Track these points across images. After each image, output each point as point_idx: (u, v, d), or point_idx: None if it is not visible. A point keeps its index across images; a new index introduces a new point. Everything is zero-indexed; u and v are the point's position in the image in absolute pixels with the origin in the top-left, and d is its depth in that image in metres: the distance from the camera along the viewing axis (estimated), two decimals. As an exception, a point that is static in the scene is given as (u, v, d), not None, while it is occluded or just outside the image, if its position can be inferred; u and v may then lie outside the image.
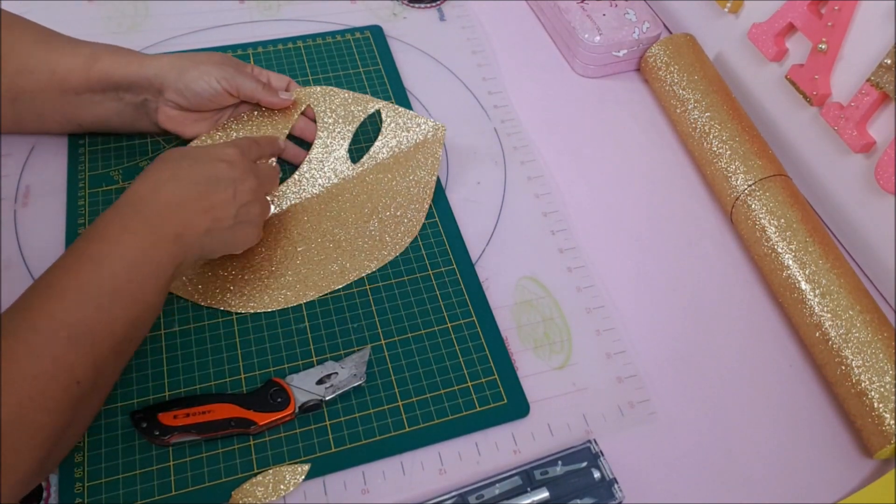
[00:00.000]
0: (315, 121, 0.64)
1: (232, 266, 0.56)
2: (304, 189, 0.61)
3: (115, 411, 0.50)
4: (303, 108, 0.64)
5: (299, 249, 0.58)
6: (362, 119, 0.64)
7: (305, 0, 0.78)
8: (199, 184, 0.49)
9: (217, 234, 0.50)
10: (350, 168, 0.62)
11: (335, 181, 0.61)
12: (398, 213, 0.60)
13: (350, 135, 0.63)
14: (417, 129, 0.64)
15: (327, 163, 0.62)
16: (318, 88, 0.65)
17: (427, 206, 0.60)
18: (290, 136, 0.64)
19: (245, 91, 0.60)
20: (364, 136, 0.65)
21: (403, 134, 0.63)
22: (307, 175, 0.61)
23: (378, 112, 0.65)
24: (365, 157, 0.63)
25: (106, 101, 0.58)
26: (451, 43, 0.76)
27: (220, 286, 0.55)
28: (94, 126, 0.60)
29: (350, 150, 0.63)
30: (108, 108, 0.58)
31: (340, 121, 0.64)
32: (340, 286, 0.56)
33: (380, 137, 0.63)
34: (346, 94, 0.65)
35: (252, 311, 0.55)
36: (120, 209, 0.47)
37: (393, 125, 0.64)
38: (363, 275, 0.57)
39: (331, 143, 0.63)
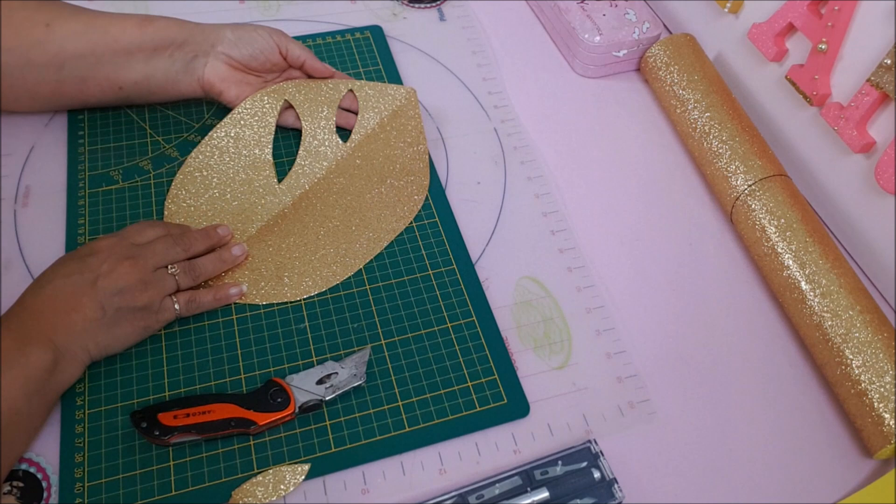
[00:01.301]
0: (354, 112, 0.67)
1: (274, 261, 0.57)
2: (308, 176, 0.62)
3: (114, 411, 0.50)
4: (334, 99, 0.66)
5: (326, 230, 0.59)
6: (338, 100, 0.66)
7: (305, 0, 0.78)
8: (61, 285, 0.48)
9: (95, 330, 0.48)
10: (342, 147, 0.64)
11: (334, 162, 0.63)
12: (403, 172, 0.62)
13: (333, 117, 0.65)
14: (391, 97, 0.66)
15: (321, 147, 0.64)
16: (290, 83, 0.66)
17: (427, 160, 0.62)
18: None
19: (293, 54, 0.63)
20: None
21: (379, 104, 0.66)
22: (306, 164, 0.63)
23: (351, 91, 0.66)
24: (353, 134, 0.64)
25: (154, 59, 0.59)
26: (451, 43, 0.76)
27: (274, 282, 0.56)
28: (134, 89, 0.61)
29: (337, 131, 0.65)
30: (156, 66, 0.60)
31: (319, 106, 0.65)
32: (380, 251, 0.58)
33: (360, 113, 0.65)
34: (316, 82, 0.67)
35: (310, 296, 0.56)
36: None
37: (368, 99, 0.66)
38: (396, 235, 0.59)
39: (318, 129, 0.64)
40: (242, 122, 0.63)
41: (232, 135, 0.63)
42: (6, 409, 0.43)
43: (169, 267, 0.52)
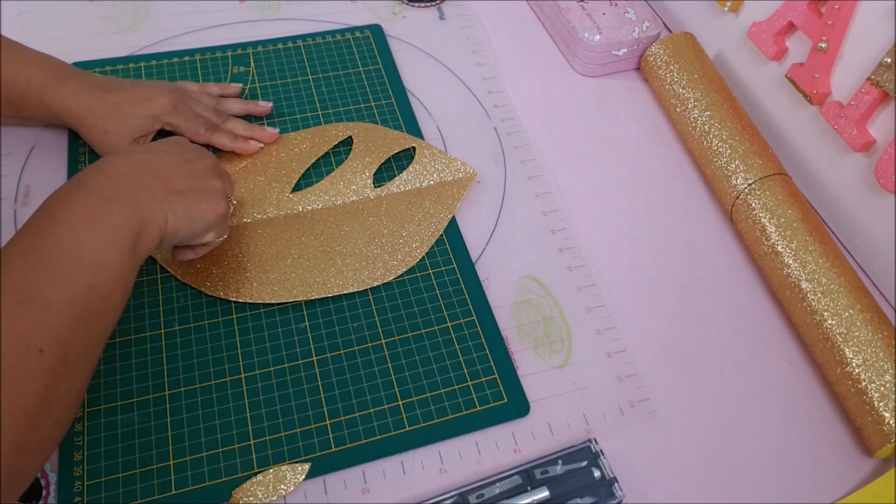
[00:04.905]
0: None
1: (221, 252, 0.57)
2: (321, 199, 0.61)
3: (114, 410, 0.50)
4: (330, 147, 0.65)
5: (292, 252, 0.58)
6: (396, 150, 0.65)
7: (305, 0, 0.78)
8: (149, 157, 0.49)
9: (176, 202, 0.48)
10: (371, 190, 0.62)
11: (353, 199, 0.62)
12: (400, 242, 0.59)
13: (379, 161, 0.64)
14: (448, 170, 0.64)
15: (351, 181, 0.62)
16: (363, 124, 0.66)
17: (432, 243, 0.60)
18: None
19: (176, 124, 0.61)
20: (394, 164, 0.65)
21: (433, 170, 0.64)
22: (328, 187, 0.62)
23: (413, 148, 0.65)
24: (388, 183, 0.63)
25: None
26: (451, 42, 0.76)
27: (204, 269, 0.56)
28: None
29: (375, 176, 0.63)
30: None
31: (373, 148, 0.64)
32: (318, 297, 0.56)
33: (408, 168, 0.64)
34: (386, 131, 0.66)
35: (227, 299, 0.55)
36: (68, 185, 0.46)
37: (424, 161, 0.64)
38: (344, 292, 0.56)
39: (359, 164, 0.63)
40: (297, 139, 0.64)
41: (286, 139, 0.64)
42: (96, 262, 0.42)
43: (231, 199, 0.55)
